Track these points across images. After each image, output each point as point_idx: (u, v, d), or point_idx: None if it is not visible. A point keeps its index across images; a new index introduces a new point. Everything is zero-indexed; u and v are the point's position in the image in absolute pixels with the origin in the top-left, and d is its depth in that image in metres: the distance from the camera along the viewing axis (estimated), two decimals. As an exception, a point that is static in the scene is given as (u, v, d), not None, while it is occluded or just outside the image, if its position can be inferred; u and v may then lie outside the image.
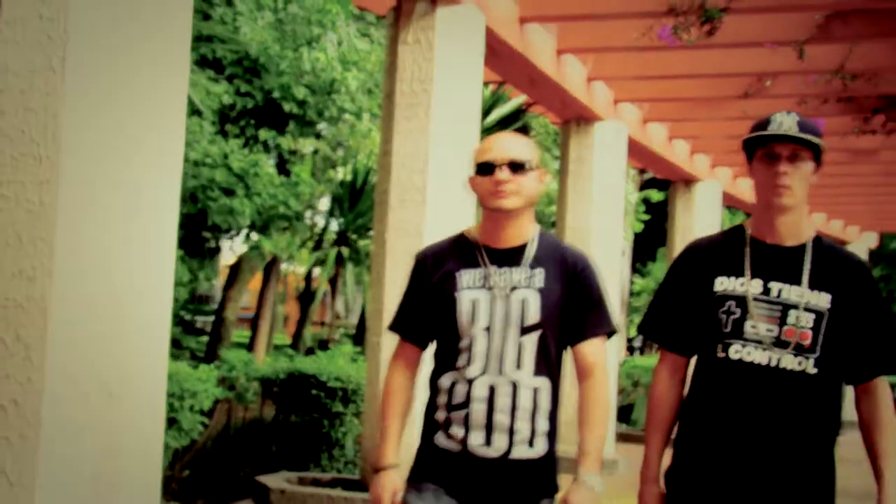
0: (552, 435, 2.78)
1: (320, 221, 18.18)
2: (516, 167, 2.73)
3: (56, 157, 2.99)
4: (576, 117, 9.38)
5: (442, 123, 6.32)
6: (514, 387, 2.70)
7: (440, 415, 2.78)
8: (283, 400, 7.74)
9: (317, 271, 20.55)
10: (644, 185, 21.12)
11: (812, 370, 2.62)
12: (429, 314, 2.84)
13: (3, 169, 3.02)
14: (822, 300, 2.66)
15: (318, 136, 10.18)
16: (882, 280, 39.11)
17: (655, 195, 20.28)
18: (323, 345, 20.29)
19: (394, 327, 2.95)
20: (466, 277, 2.78)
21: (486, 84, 7.66)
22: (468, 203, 6.56)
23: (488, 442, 2.70)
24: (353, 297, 24.91)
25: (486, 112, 8.97)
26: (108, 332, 3.12)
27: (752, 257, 2.72)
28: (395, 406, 2.85)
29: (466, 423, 2.71)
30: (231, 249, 14.61)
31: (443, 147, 6.29)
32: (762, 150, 2.67)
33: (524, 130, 13.21)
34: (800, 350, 2.62)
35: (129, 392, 3.17)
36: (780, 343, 2.63)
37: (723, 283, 2.72)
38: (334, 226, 17.93)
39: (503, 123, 10.04)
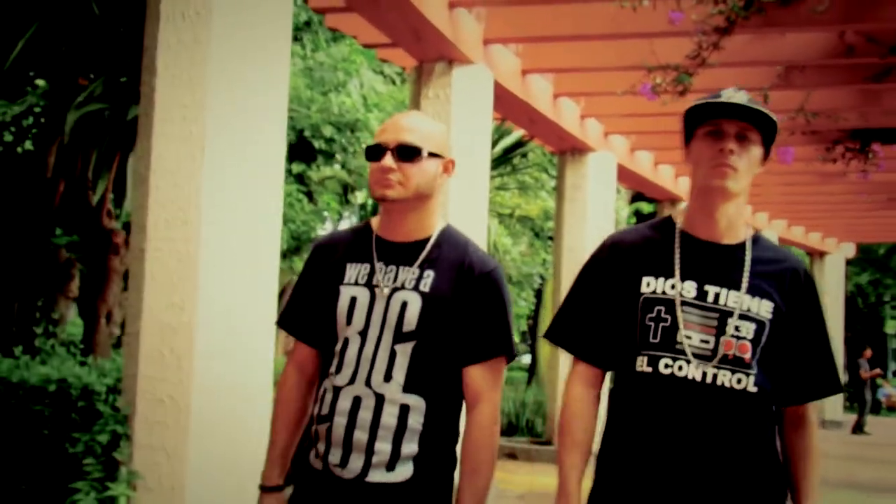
0: (425, 461, 2.38)
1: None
2: (406, 153, 2.38)
3: (198, 221, 4.12)
4: (571, 148, 10.52)
5: (458, 163, 7.44)
6: (379, 401, 2.35)
7: (313, 428, 2.46)
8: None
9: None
10: (634, 198, 22.24)
11: (752, 388, 2.24)
12: (317, 309, 2.49)
13: (159, 229, 4.16)
14: (763, 308, 2.27)
15: (342, 165, 11.31)
16: (871, 284, 40.38)
17: (646, 207, 21.41)
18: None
19: (281, 322, 2.62)
20: (352, 271, 2.45)
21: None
22: (483, 232, 7.74)
23: (345, 462, 2.35)
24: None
25: (492, 144, 10.15)
26: (235, 345, 4.24)
27: (682, 254, 2.32)
28: (282, 417, 2.53)
29: (328, 439, 2.38)
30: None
31: (458, 184, 7.44)
32: (705, 127, 2.28)
33: (523, 155, 14.34)
34: (738, 364, 2.23)
35: (248, 388, 4.30)
36: (716, 356, 2.23)
37: (650, 285, 2.31)
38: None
39: (508, 152, 11.19)
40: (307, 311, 2.53)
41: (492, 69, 7.70)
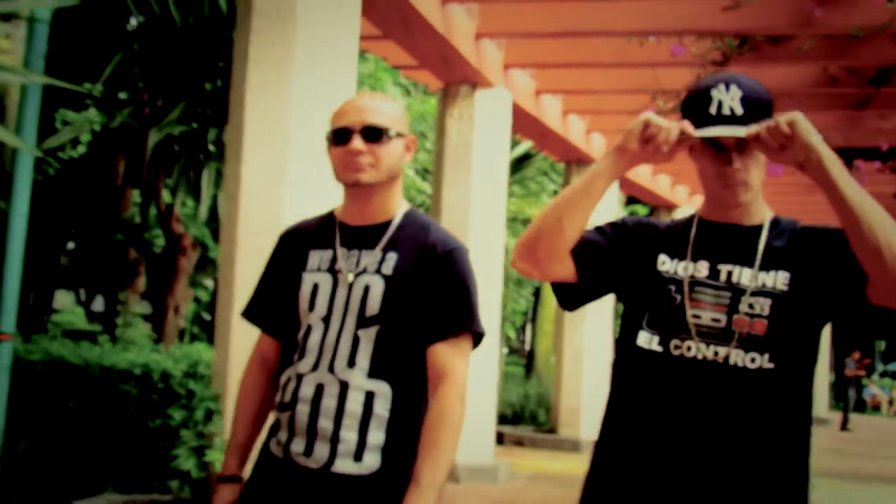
0: (392, 452, 2.30)
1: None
2: (374, 134, 2.33)
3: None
4: (576, 159, 11.35)
5: (479, 177, 8.31)
6: (344, 388, 2.28)
7: (274, 416, 2.40)
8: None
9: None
10: (629, 200, 23.07)
11: (768, 365, 2.12)
12: (281, 299, 2.43)
13: (248, 239, 4.96)
14: (779, 280, 2.16)
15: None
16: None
17: (641, 209, 22.24)
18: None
19: (246, 313, 2.55)
20: (315, 258, 2.39)
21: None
22: (501, 238, 8.57)
23: (309, 451, 2.28)
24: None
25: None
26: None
27: (697, 236, 2.25)
28: (243, 408, 2.46)
29: (290, 427, 2.31)
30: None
31: (480, 195, 8.28)
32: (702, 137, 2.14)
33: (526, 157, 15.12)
34: (752, 343, 2.13)
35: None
36: (728, 335, 2.14)
37: (665, 264, 2.24)
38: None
39: (518, 163, 12.01)
40: (271, 302, 2.47)
41: (511, 91, 8.53)
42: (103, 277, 7.46)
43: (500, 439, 10.99)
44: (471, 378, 2.38)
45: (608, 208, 11.65)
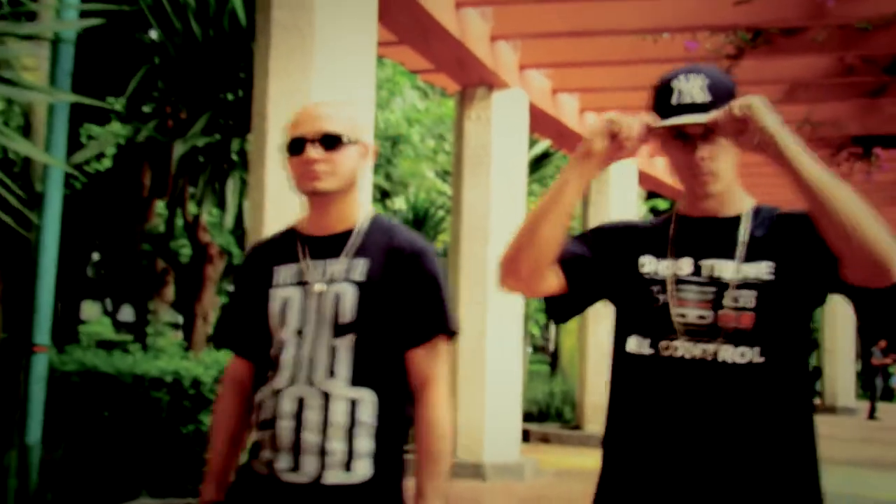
0: (383, 457, 2.28)
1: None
2: (329, 142, 2.32)
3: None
4: (594, 156, 11.42)
5: (498, 177, 8.40)
6: (326, 399, 2.26)
7: (255, 435, 2.35)
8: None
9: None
10: (650, 195, 23.11)
11: (759, 359, 2.09)
12: (250, 319, 2.40)
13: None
14: (763, 270, 2.12)
15: (387, 176, 12.26)
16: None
17: (662, 203, 22.25)
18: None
19: (215, 338, 2.55)
20: (282, 273, 2.36)
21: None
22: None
23: (296, 466, 2.24)
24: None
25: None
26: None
27: (677, 233, 2.22)
28: (219, 433, 2.44)
29: (273, 445, 2.27)
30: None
31: (500, 195, 8.38)
32: (667, 127, 2.13)
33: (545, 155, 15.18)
34: (740, 337, 2.09)
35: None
36: (714, 331, 2.11)
37: (646, 265, 2.22)
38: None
39: (537, 161, 12.09)
40: (240, 323, 2.46)
41: (527, 92, 8.61)
42: (131, 287, 7.61)
43: (527, 437, 11.07)
44: (496, 376, 2.37)
45: (630, 203, 11.75)
